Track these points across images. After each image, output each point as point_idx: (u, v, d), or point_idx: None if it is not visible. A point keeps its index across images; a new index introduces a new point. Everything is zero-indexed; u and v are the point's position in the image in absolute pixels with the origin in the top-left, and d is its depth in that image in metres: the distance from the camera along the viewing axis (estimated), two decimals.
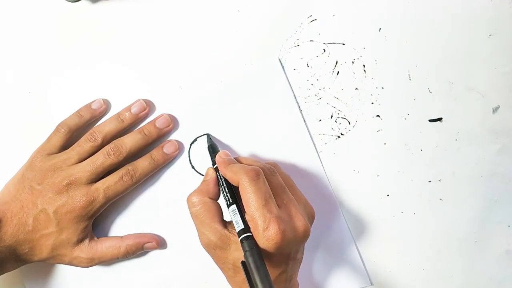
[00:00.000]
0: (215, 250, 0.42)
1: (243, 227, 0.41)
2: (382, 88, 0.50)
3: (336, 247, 0.50)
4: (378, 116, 0.50)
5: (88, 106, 0.50)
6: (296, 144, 0.50)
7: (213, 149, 0.47)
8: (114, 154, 0.47)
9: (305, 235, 0.41)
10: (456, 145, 0.50)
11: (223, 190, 0.44)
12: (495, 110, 0.50)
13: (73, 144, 0.48)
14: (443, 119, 0.50)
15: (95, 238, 0.49)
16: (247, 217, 0.41)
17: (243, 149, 0.50)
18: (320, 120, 0.50)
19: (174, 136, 0.50)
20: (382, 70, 0.50)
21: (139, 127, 0.50)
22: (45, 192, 0.47)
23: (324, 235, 0.50)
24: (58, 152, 0.48)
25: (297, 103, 0.50)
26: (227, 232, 0.42)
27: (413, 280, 0.50)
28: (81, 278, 0.51)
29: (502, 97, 0.49)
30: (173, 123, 0.49)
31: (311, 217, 0.44)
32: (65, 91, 0.51)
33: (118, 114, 0.49)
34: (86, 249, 0.48)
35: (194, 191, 0.44)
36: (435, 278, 0.50)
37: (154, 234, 0.50)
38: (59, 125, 0.49)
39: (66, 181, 0.46)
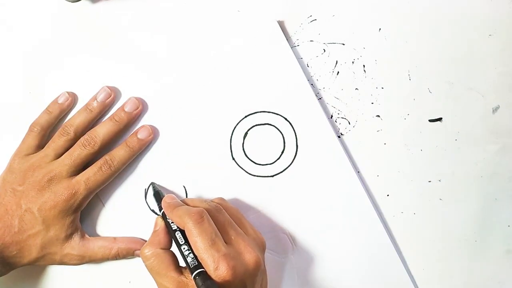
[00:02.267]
0: None
1: (196, 263, 0.41)
2: (382, 88, 0.50)
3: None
4: (378, 116, 0.50)
5: (55, 101, 0.50)
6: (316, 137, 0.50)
7: (158, 196, 0.48)
8: (89, 144, 0.48)
9: (257, 266, 0.42)
10: (456, 145, 0.50)
11: (173, 231, 0.44)
12: (495, 110, 0.50)
13: (48, 142, 0.49)
14: (443, 119, 0.50)
15: (87, 236, 0.49)
16: (199, 259, 0.41)
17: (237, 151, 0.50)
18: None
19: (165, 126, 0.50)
20: (382, 70, 0.50)
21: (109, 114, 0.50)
22: (27, 192, 0.47)
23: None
24: (35, 152, 0.49)
25: (315, 94, 0.49)
26: (184, 279, 0.42)
27: (413, 280, 0.50)
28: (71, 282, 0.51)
29: (502, 97, 0.49)
30: (141, 105, 0.50)
31: (262, 248, 0.45)
32: (65, 91, 0.51)
33: (86, 105, 0.50)
34: (77, 246, 0.48)
35: (146, 244, 0.44)
36: (435, 278, 0.50)
37: (146, 241, 0.50)
38: (31, 125, 0.49)
39: (47, 177, 0.47)
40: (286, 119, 0.49)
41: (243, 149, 0.50)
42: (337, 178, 0.49)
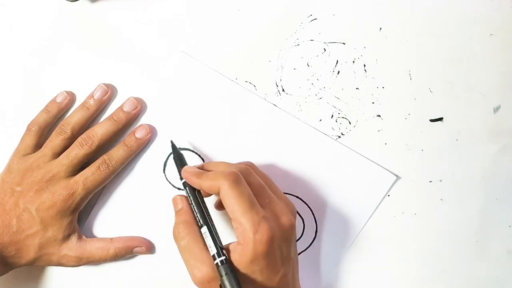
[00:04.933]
0: (209, 283, 0.40)
1: (216, 251, 0.39)
2: (383, 87, 0.50)
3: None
4: (379, 116, 0.50)
5: (53, 100, 0.50)
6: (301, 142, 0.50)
7: (181, 161, 0.46)
8: (87, 144, 0.47)
9: (292, 229, 0.41)
10: (457, 145, 0.49)
11: (194, 210, 0.43)
12: (495, 110, 0.49)
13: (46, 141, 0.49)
14: (443, 119, 0.50)
15: (84, 237, 0.49)
16: (234, 224, 0.39)
17: (237, 149, 0.50)
18: (320, 120, 0.50)
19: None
20: (382, 69, 0.50)
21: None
22: (26, 192, 0.47)
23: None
24: (33, 152, 0.49)
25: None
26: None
27: (413, 280, 0.50)
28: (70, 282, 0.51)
29: (503, 97, 0.49)
30: (140, 105, 0.49)
31: (293, 212, 0.43)
32: (63, 90, 0.51)
33: (83, 103, 0.49)
34: (74, 247, 0.48)
35: (175, 225, 0.42)
36: (435, 278, 0.50)
37: (144, 238, 0.50)
38: (29, 124, 0.49)
39: (45, 177, 0.47)
40: None
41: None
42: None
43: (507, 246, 0.50)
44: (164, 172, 0.50)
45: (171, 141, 0.48)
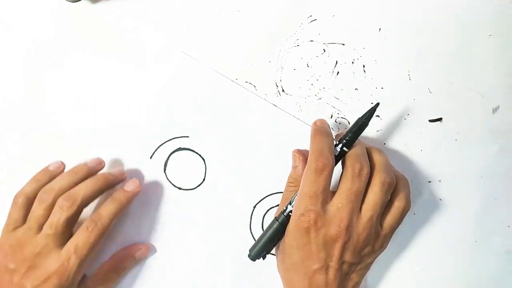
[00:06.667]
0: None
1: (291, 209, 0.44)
2: (382, 88, 0.50)
3: None
4: (378, 116, 0.50)
5: (46, 169, 0.47)
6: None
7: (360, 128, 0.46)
8: (68, 206, 0.44)
9: (337, 242, 0.43)
10: (456, 145, 0.50)
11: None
12: (495, 110, 0.50)
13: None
14: (443, 119, 0.50)
15: (88, 284, 0.47)
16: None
17: (238, 152, 0.50)
18: None
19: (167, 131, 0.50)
20: (382, 70, 0.50)
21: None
22: (19, 269, 0.44)
23: None
24: (22, 224, 0.46)
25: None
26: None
27: (413, 280, 0.50)
28: None
29: (502, 97, 0.49)
30: (125, 173, 0.49)
31: (366, 228, 0.44)
32: (65, 91, 0.51)
33: (73, 168, 0.47)
34: None
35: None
36: (435, 278, 0.50)
37: (139, 243, 0.50)
38: (15, 196, 0.46)
39: (35, 252, 0.44)
40: None
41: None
42: None
43: (506, 246, 0.50)
44: (164, 172, 0.50)
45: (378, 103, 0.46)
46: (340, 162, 0.45)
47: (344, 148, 0.45)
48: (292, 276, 0.45)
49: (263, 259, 0.46)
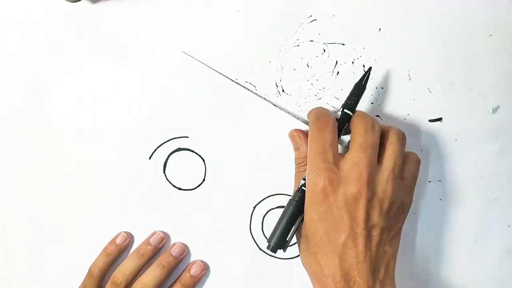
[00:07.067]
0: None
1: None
2: (382, 88, 0.50)
3: None
4: (378, 116, 0.50)
5: (113, 242, 0.49)
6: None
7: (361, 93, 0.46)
8: None
9: (360, 200, 0.41)
10: (456, 145, 0.50)
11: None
12: (495, 110, 0.50)
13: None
14: (443, 119, 0.50)
15: None
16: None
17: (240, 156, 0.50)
18: None
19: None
20: (382, 70, 0.50)
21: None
22: None
23: None
24: None
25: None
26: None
27: (413, 280, 0.50)
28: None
29: (502, 97, 0.49)
30: (186, 250, 0.50)
31: (387, 191, 0.42)
32: (65, 91, 0.51)
33: (137, 249, 0.49)
34: None
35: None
36: (435, 278, 0.50)
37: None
38: (90, 268, 0.49)
39: None
40: None
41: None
42: None
43: (507, 246, 0.50)
44: (164, 172, 0.50)
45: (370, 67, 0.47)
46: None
47: (347, 111, 0.44)
48: (320, 260, 0.40)
49: (284, 251, 0.42)
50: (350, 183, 0.39)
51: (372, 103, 0.50)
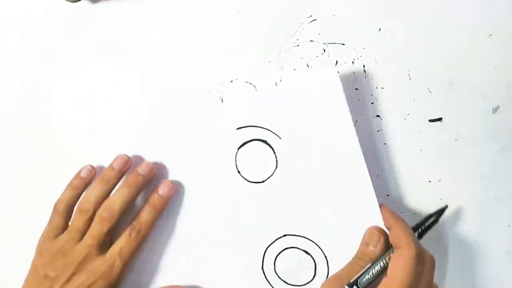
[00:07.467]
0: None
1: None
2: (382, 88, 0.50)
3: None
4: (378, 116, 0.50)
5: (78, 176, 0.49)
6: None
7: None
8: (108, 219, 0.46)
9: None
10: (456, 145, 0.50)
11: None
12: (495, 110, 0.50)
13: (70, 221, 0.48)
14: (443, 119, 0.50)
15: None
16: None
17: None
18: None
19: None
20: (382, 70, 0.50)
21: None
22: (61, 276, 0.46)
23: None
24: (63, 231, 0.48)
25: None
26: None
27: None
28: None
29: (502, 97, 0.49)
30: (155, 169, 0.49)
31: None
32: (65, 91, 0.51)
33: (102, 175, 0.48)
34: None
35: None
36: (435, 278, 0.50)
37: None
38: (56, 204, 0.48)
39: (79, 259, 0.46)
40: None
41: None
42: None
43: (507, 246, 0.50)
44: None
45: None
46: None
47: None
48: None
49: None
50: None
51: (372, 103, 0.50)
